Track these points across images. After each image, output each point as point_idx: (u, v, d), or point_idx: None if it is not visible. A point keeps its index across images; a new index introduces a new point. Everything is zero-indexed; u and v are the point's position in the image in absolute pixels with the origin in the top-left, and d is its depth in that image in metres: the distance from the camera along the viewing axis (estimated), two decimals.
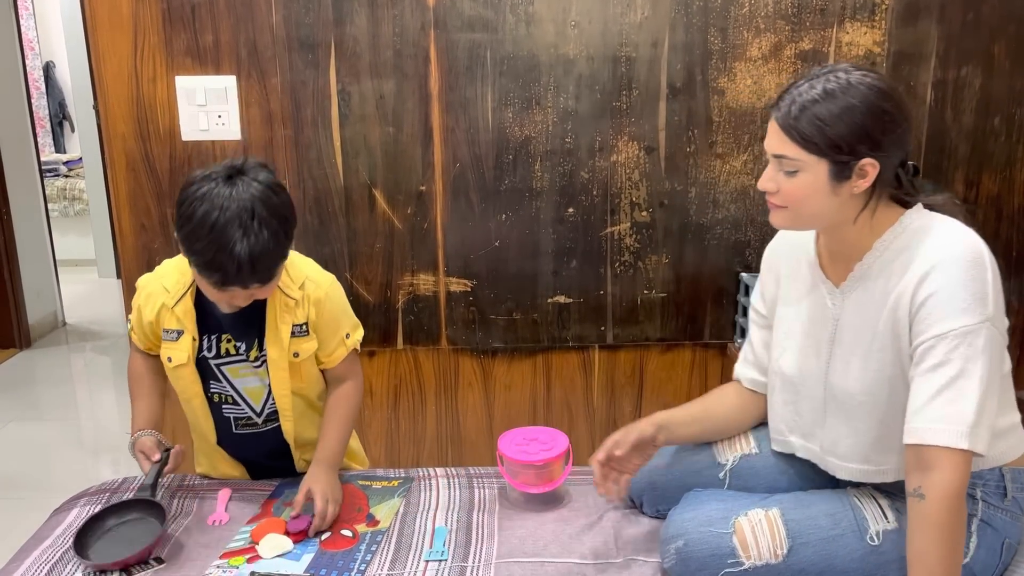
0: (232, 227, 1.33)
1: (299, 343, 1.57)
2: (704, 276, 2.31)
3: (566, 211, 2.25)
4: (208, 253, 1.34)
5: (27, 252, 4.39)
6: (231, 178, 1.37)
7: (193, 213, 1.35)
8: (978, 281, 1.20)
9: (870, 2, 2.13)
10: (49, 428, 3.52)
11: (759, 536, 1.30)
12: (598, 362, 2.38)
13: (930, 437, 1.18)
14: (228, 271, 1.35)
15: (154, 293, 1.58)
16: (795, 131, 1.24)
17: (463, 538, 1.50)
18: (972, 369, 1.18)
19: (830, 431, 1.39)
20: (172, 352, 1.56)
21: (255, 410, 1.63)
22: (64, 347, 4.46)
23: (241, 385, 1.60)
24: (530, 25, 2.13)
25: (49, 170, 5.90)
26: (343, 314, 1.64)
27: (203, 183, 1.37)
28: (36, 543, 1.51)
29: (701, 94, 2.18)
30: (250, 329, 1.55)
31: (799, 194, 1.27)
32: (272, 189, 1.40)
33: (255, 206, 1.35)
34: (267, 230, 1.35)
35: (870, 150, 1.23)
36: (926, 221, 1.28)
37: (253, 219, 1.34)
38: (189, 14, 2.12)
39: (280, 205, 1.40)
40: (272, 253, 1.38)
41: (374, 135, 2.20)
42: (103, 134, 2.22)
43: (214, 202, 1.34)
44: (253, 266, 1.35)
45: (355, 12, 2.12)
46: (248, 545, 1.47)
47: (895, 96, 1.25)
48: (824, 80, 1.24)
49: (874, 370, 1.30)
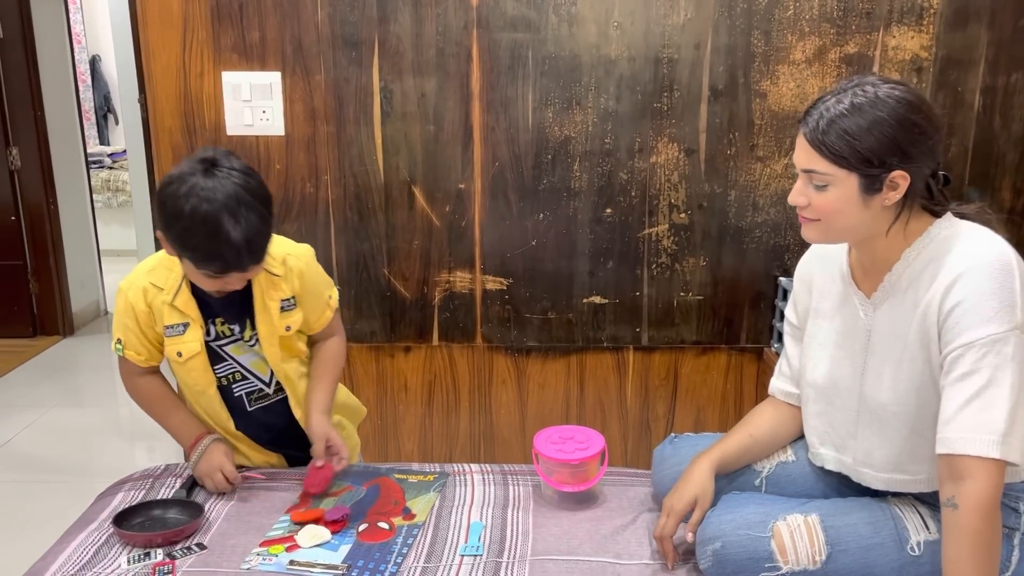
0: (223, 216, 1.38)
1: (288, 317, 1.64)
2: (742, 280, 2.29)
3: (604, 212, 2.25)
4: (206, 245, 1.40)
5: (72, 242, 4.50)
6: (208, 171, 1.41)
7: (181, 210, 1.39)
8: (1006, 289, 1.18)
9: (918, 6, 2.11)
10: (89, 414, 3.60)
11: (797, 541, 1.30)
12: (632, 363, 2.38)
13: (961, 447, 1.17)
14: (228, 258, 1.41)
15: (147, 290, 1.59)
16: (824, 146, 1.23)
17: (498, 534, 1.51)
18: (1001, 378, 1.17)
19: (863, 442, 1.38)
20: (181, 346, 1.59)
21: (263, 380, 1.69)
22: (105, 335, 4.55)
23: (247, 361, 1.66)
24: (572, 25, 2.14)
25: (94, 162, 6.02)
26: (322, 279, 1.72)
27: (182, 181, 1.41)
28: (83, 525, 1.55)
29: (743, 97, 2.17)
30: (240, 310, 1.61)
31: (830, 208, 1.27)
32: (248, 174, 1.45)
33: (239, 193, 1.40)
34: (254, 213, 1.41)
35: (900, 162, 1.22)
36: (955, 230, 1.28)
37: (240, 205, 1.40)
38: (237, 11, 2.15)
39: (259, 187, 1.46)
40: (263, 233, 1.45)
41: (415, 133, 2.22)
42: (150, 128, 2.26)
43: (200, 195, 1.39)
44: (249, 249, 1.42)
45: (399, 10, 2.14)
46: (287, 534, 1.50)
47: (924, 108, 1.24)
48: (851, 94, 1.23)
49: (906, 380, 1.30)
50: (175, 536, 1.47)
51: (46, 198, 4.28)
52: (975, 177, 2.21)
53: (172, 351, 1.60)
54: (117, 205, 6.05)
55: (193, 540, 1.48)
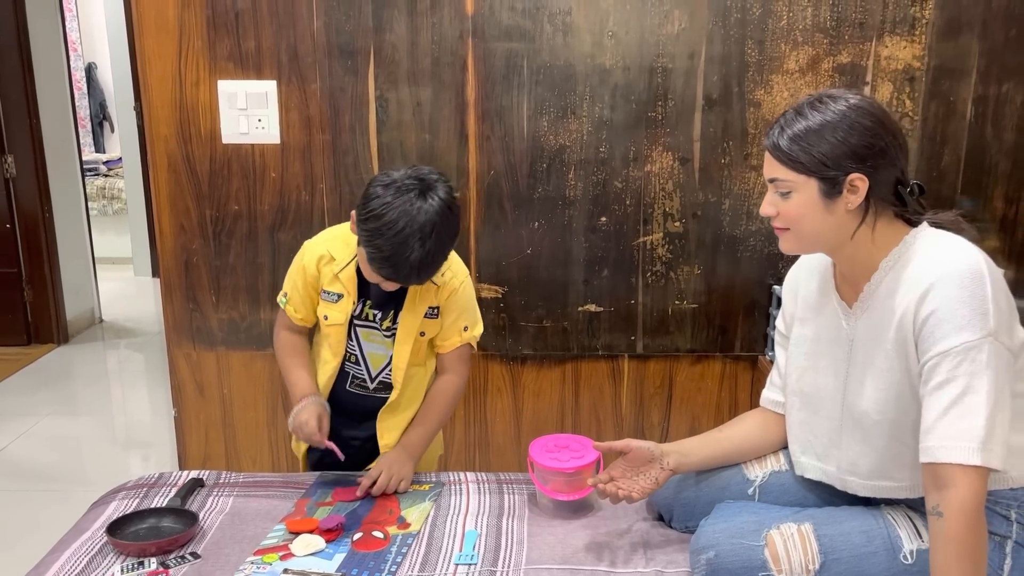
0: (414, 238, 1.48)
1: (428, 323, 1.72)
2: (736, 288, 2.30)
3: (599, 220, 2.26)
4: (387, 252, 1.50)
5: (67, 250, 4.49)
6: (423, 192, 1.51)
7: (383, 214, 1.49)
8: (977, 297, 1.20)
9: (910, 16, 2.12)
10: (83, 423, 3.59)
11: (791, 550, 1.30)
12: (627, 371, 2.39)
13: (943, 455, 1.19)
14: (400, 272, 1.53)
15: (323, 256, 1.70)
16: (781, 153, 1.30)
17: (493, 543, 1.51)
18: (978, 385, 1.19)
19: (847, 451, 1.39)
20: (330, 312, 1.71)
21: (371, 374, 1.77)
22: (100, 343, 4.54)
23: (367, 349, 1.75)
24: (567, 35, 2.15)
25: (89, 169, 6.02)
26: (468, 307, 1.77)
27: (397, 191, 1.50)
28: (76, 534, 1.54)
29: (737, 106, 2.18)
30: (390, 301, 1.70)
31: (795, 214, 1.31)
32: (450, 206, 1.53)
33: (436, 221, 1.50)
34: (440, 244, 1.52)
35: (856, 165, 1.27)
36: (928, 239, 1.30)
37: (432, 234, 1.49)
38: (233, 20, 2.16)
39: (453, 221, 1.55)
40: (439, 263, 1.56)
41: (410, 141, 2.22)
42: (146, 136, 2.27)
43: (406, 210, 1.48)
44: (420, 272, 1.53)
45: (395, 20, 2.15)
46: (281, 543, 1.49)
47: (876, 112, 1.29)
48: (808, 105, 1.31)
49: (886, 388, 1.31)
50: (169, 545, 1.47)
51: (41, 206, 4.27)
52: (968, 186, 2.22)
53: (321, 313, 1.72)
54: (112, 213, 6.05)
55: (187, 549, 1.48)
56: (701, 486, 1.54)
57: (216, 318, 2.34)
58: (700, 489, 1.54)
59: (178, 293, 2.33)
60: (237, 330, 2.35)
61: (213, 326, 2.35)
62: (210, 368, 2.38)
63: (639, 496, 1.47)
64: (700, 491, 1.53)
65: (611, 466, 1.51)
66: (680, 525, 1.55)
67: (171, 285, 2.33)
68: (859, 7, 2.12)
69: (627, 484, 1.47)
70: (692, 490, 1.54)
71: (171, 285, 2.33)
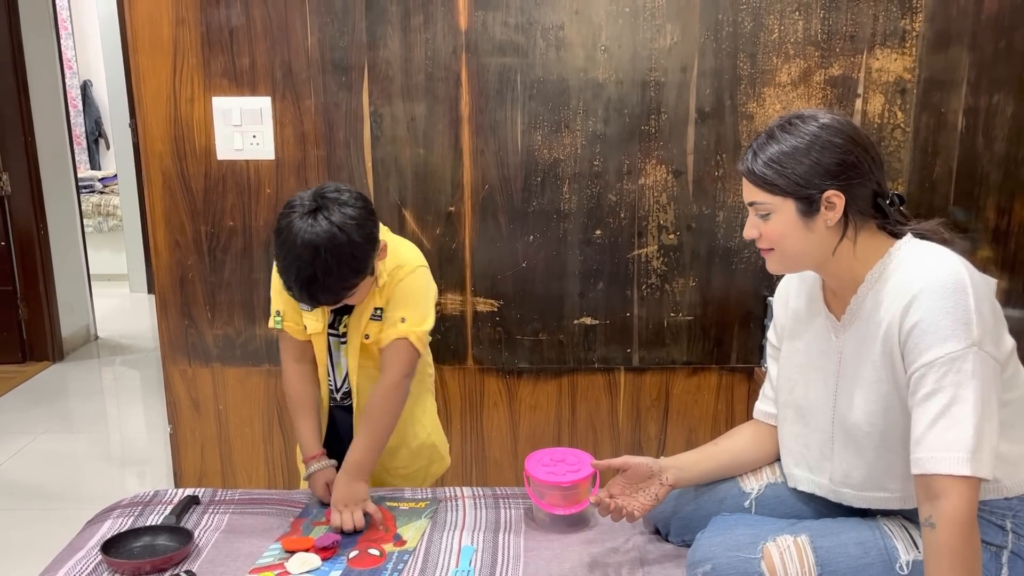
0: (301, 260, 1.47)
1: (372, 325, 1.67)
2: (731, 300, 2.30)
3: (593, 233, 2.27)
4: (282, 274, 1.52)
5: (62, 267, 4.48)
6: (313, 213, 1.49)
7: (277, 235, 1.51)
8: (960, 307, 1.20)
9: (900, 28, 2.14)
10: (79, 440, 3.57)
11: (787, 562, 1.30)
12: (624, 384, 2.38)
13: (932, 466, 1.19)
14: (296, 293, 1.53)
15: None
16: (756, 177, 1.32)
17: (489, 558, 1.50)
18: (964, 395, 1.19)
19: (840, 463, 1.39)
20: (308, 322, 1.70)
21: (336, 384, 1.77)
22: (95, 360, 4.53)
23: (336, 358, 1.74)
24: (560, 50, 2.16)
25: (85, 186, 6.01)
26: (411, 298, 1.66)
27: (291, 210, 1.51)
28: (71, 552, 1.53)
29: (730, 119, 2.19)
30: (344, 306, 1.66)
31: (776, 235, 1.33)
32: (341, 227, 1.48)
33: (319, 244, 1.47)
34: (328, 266, 1.47)
35: (830, 181, 1.28)
36: (911, 250, 1.31)
37: (317, 256, 1.46)
38: (227, 37, 2.17)
39: (345, 244, 1.49)
40: (329, 286, 1.51)
41: (405, 156, 2.23)
42: (141, 153, 2.27)
43: (291, 232, 1.48)
44: (317, 294, 1.51)
45: (388, 36, 2.16)
46: (277, 561, 1.49)
47: (845, 129, 1.30)
48: (778, 127, 1.32)
49: (874, 400, 1.32)
50: (164, 563, 1.46)
51: (36, 223, 4.27)
52: (960, 197, 2.23)
53: (303, 324, 1.71)
54: (108, 229, 6.05)
55: (182, 567, 1.47)
56: (698, 499, 1.54)
57: (211, 334, 2.34)
58: (697, 502, 1.53)
59: (173, 309, 2.33)
60: (232, 346, 2.35)
61: (208, 342, 2.35)
62: (206, 384, 2.38)
63: (640, 513, 1.47)
64: (697, 505, 1.53)
65: (610, 483, 1.51)
66: (677, 539, 1.54)
67: (166, 301, 2.33)
68: (850, 20, 2.14)
69: (627, 501, 1.47)
70: (689, 503, 1.54)
71: (166, 301, 2.33)
